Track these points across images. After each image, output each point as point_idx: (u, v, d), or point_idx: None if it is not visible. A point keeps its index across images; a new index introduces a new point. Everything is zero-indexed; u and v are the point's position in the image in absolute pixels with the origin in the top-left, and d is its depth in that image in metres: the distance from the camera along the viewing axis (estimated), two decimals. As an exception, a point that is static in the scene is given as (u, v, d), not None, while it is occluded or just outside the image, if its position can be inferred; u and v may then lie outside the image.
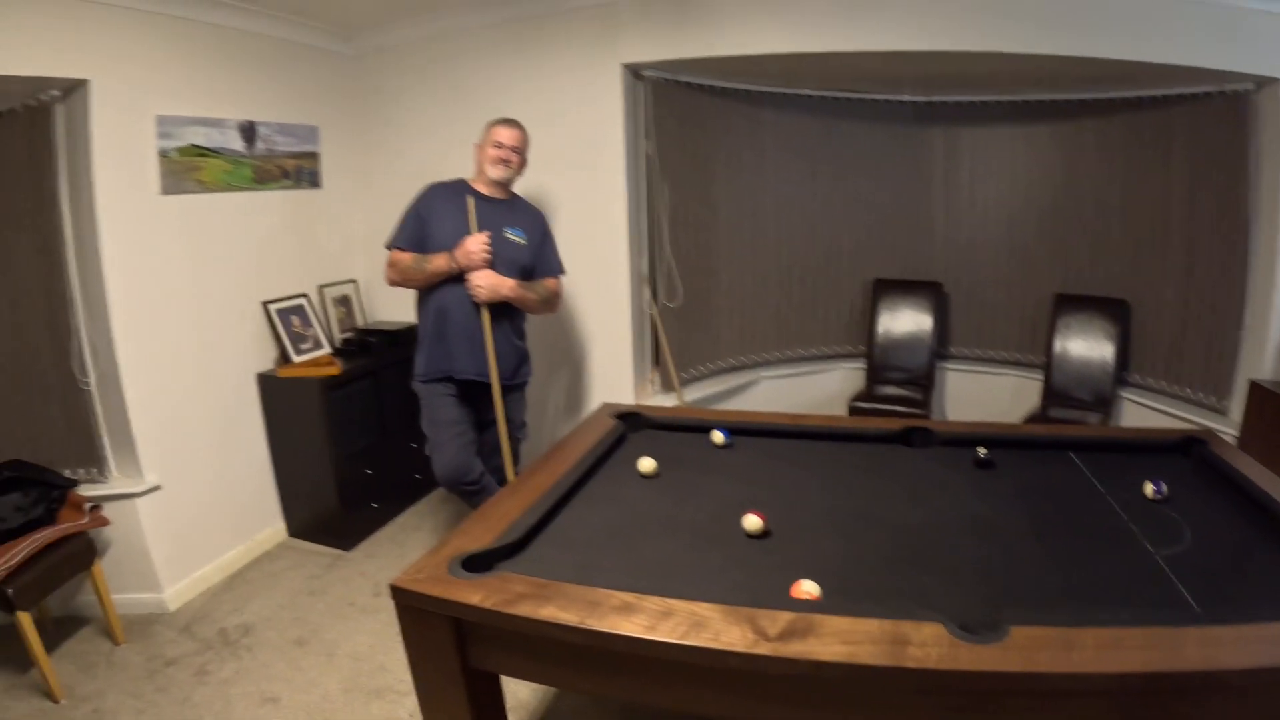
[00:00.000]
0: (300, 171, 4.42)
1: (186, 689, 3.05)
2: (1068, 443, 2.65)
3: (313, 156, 4.50)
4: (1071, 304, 4.34)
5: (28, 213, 3.43)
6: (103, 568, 3.38)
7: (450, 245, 3.32)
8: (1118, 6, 3.37)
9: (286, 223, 4.36)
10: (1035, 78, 4.13)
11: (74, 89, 3.32)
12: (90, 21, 3.27)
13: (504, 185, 3.52)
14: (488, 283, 3.30)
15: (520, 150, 3.49)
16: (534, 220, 3.59)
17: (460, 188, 3.50)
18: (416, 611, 1.78)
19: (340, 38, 4.57)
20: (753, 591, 1.71)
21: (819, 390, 4.99)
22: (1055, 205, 4.48)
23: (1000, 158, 4.60)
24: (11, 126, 3.35)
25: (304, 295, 4.41)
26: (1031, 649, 1.46)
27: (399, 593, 1.78)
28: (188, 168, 3.74)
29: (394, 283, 3.46)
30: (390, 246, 3.43)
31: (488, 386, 3.43)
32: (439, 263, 3.31)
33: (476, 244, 3.27)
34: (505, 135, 3.44)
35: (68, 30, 3.20)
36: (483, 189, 3.48)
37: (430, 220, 3.41)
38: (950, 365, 4.90)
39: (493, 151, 3.44)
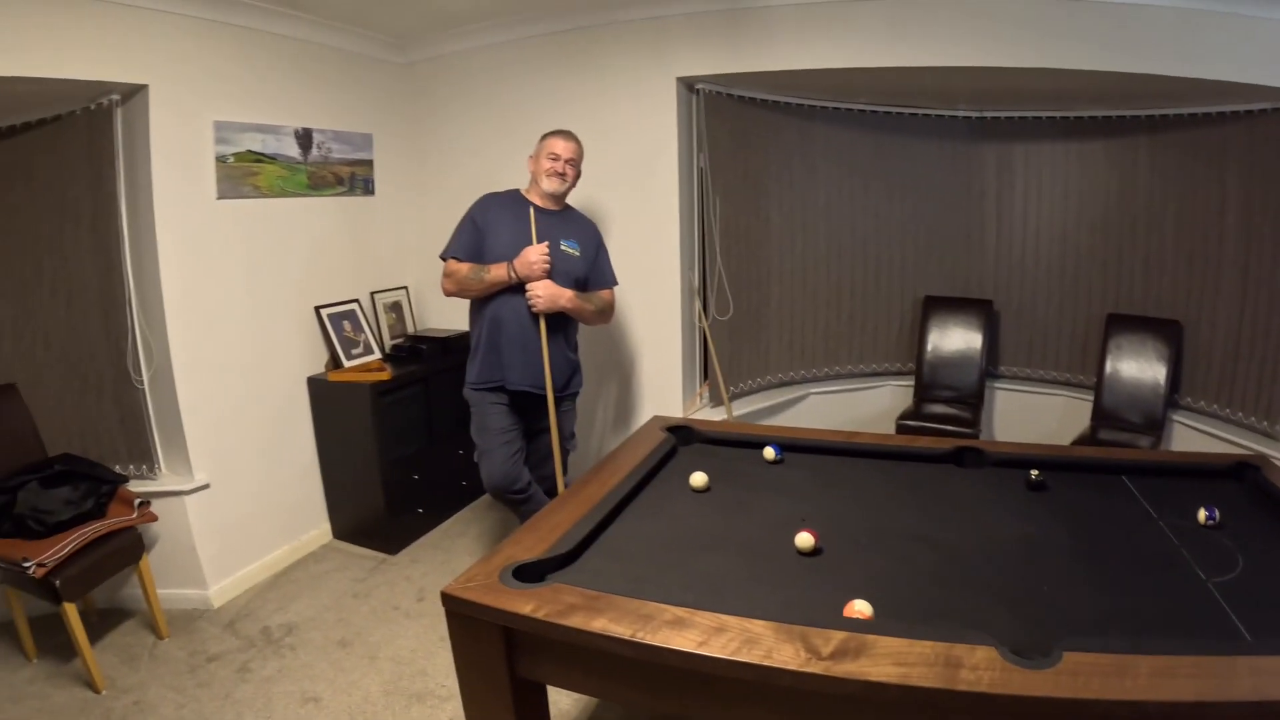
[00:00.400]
0: (355, 178, 4.48)
1: (228, 685, 3.09)
2: (1120, 466, 2.61)
3: (367, 164, 4.56)
4: (1123, 324, 4.27)
5: (86, 213, 3.51)
6: (149, 563, 3.43)
7: (507, 255, 3.31)
8: (1172, 24, 3.32)
9: (340, 229, 4.42)
10: (1089, 94, 4.07)
11: (133, 93, 3.39)
12: (150, 28, 3.34)
13: (558, 197, 3.51)
14: (547, 293, 3.29)
15: (575, 162, 3.48)
16: (588, 232, 3.58)
17: (515, 198, 3.50)
18: (467, 619, 1.78)
19: (394, 47, 4.63)
20: (804, 609, 1.70)
21: (867, 407, 4.95)
22: (1108, 223, 4.41)
23: (1053, 174, 4.53)
24: (72, 128, 3.43)
25: (356, 301, 4.47)
26: (1084, 675, 1.43)
27: (450, 600, 1.78)
28: (244, 173, 3.80)
29: (450, 293, 3.45)
30: (446, 256, 3.42)
31: (539, 397, 3.42)
32: (498, 273, 3.30)
33: (536, 254, 3.26)
34: (560, 147, 3.43)
35: (128, 36, 3.27)
36: (537, 200, 3.47)
37: (487, 231, 3.40)
38: (1000, 384, 4.84)
39: (547, 163, 3.43)
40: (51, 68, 3.03)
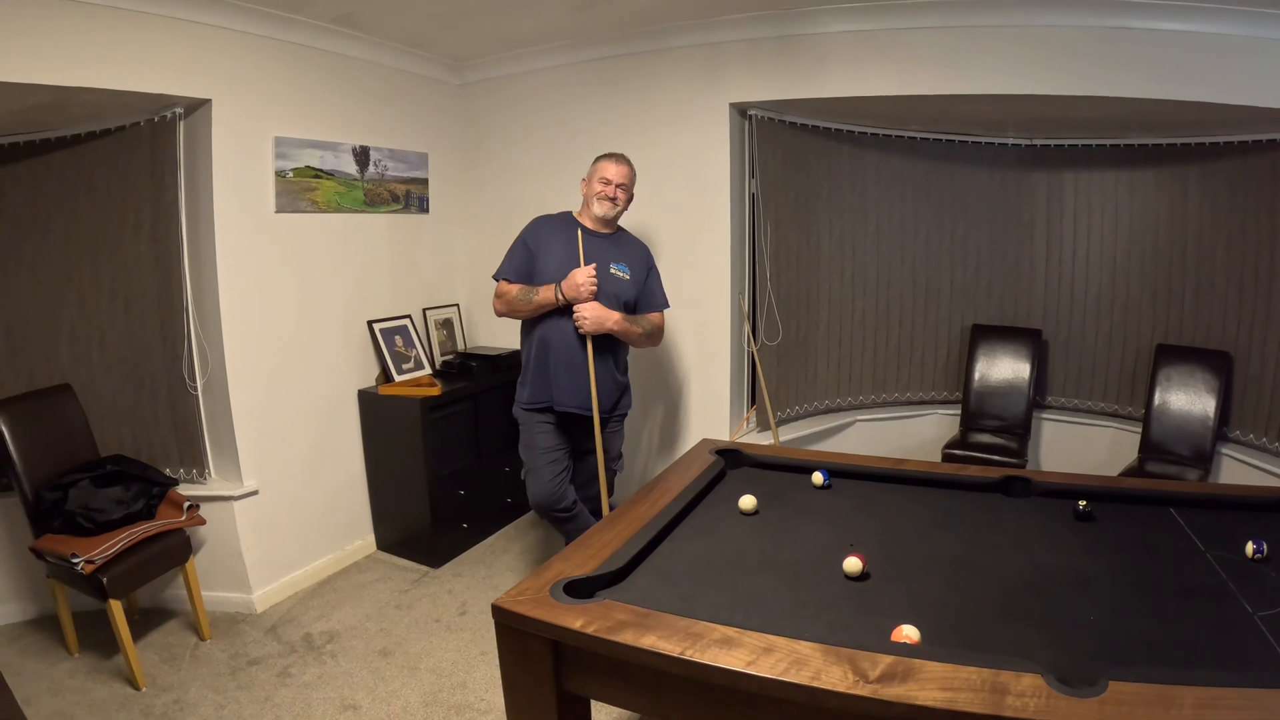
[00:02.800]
0: (410, 196, 4.55)
1: (268, 689, 3.13)
2: (1167, 498, 2.57)
3: (423, 182, 4.64)
4: (1173, 355, 4.22)
5: (146, 221, 3.60)
6: (195, 565, 3.49)
7: (557, 277, 3.32)
8: (1222, 51, 3.32)
9: (394, 245, 4.48)
10: (1140, 122, 4.05)
11: (196, 107, 3.48)
12: (214, 44, 3.43)
13: (609, 220, 3.50)
14: (593, 315, 3.28)
15: (626, 186, 3.47)
16: (639, 255, 3.57)
17: (567, 221, 3.51)
18: (516, 632, 1.79)
19: (451, 68, 4.71)
20: (852, 632, 1.70)
21: (913, 435, 4.92)
22: (1157, 252, 4.37)
23: (1103, 203, 4.49)
24: (135, 139, 3.53)
25: (408, 316, 4.53)
26: (1129, 704, 1.42)
27: (500, 612, 1.79)
28: (303, 188, 3.88)
29: (501, 313, 3.49)
30: (498, 278, 3.46)
31: (586, 418, 3.43)
32: (546, 295, 3.31)
33: (584, 276, 3.26)
34: (612, 171, 3.43)
35: (193, 52, 3.36)
36: (588, 223, 3.47)
37: (538, 253, 3.42)
38: (1047, 415, 4.78)
39: (599, 187, 3.43)
40: (119, 80, 3.12)
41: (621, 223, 3.61)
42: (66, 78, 2.96)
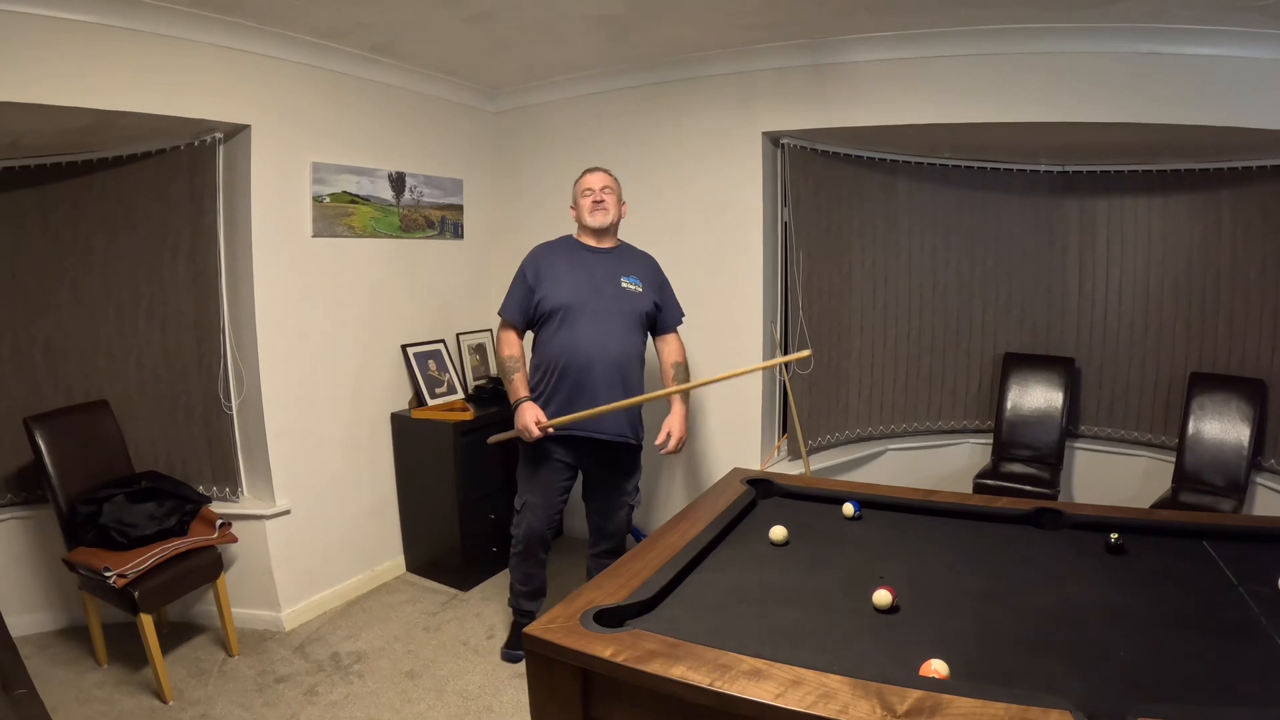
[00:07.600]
0: (444, 222, 4.60)
1: (294, 707, 3.14)
2: (1200, 530, 2.54)
3: (457, 209, 4.70)
4: (1207, 383, 4.17)
5: (185, 243, 3.67)
6: (226, 581, 3.52)
7: (568, 299, 3.30)
8: (1255, 76, 3.30)
9: (428, 270, 4.53)
10: (1172, 147, 4.03)
11: (236, 132, 3.55)
12: (255, 71, 3.50)
13: (608, 232, 3.44)
14: (677, 437, 3.36)
15: (612, 189, 3.42)
16: (648, 266, 3.52)
17: (567, 244, 3.48)
18: (546, 660, 1.79)
19: (485, 96, 4.77)
20: (880, 666, 1.69)
21: (944, 465, 4.88)
22: (1191, 279, 4.33)
23: (1136, 229, 4.46)
24: (175, 163, 3.60)
25: (441, 341, 4.57)
26: (1158, 744, 1.40)
27: (530, 640, 1.80)
28: (339, 213, 3.94)
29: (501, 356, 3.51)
30: (501, 314, 3.44)
31: (605, 443, 3.39)
32: (514, 395, 3.35)
33: (531, 417, 3.25)
34: (591, 180, 3.39)
35: (234, 78, 3.43)
36: (589, 241, 3.44)
37: (539, 282, 3.36)
38: (1080, 444, 4.72)
39: (585, 201, 3.38)
40: (160, 105, 3.20)
41: (623, 236, 3.58)
42: (109, 101, 3.04)
